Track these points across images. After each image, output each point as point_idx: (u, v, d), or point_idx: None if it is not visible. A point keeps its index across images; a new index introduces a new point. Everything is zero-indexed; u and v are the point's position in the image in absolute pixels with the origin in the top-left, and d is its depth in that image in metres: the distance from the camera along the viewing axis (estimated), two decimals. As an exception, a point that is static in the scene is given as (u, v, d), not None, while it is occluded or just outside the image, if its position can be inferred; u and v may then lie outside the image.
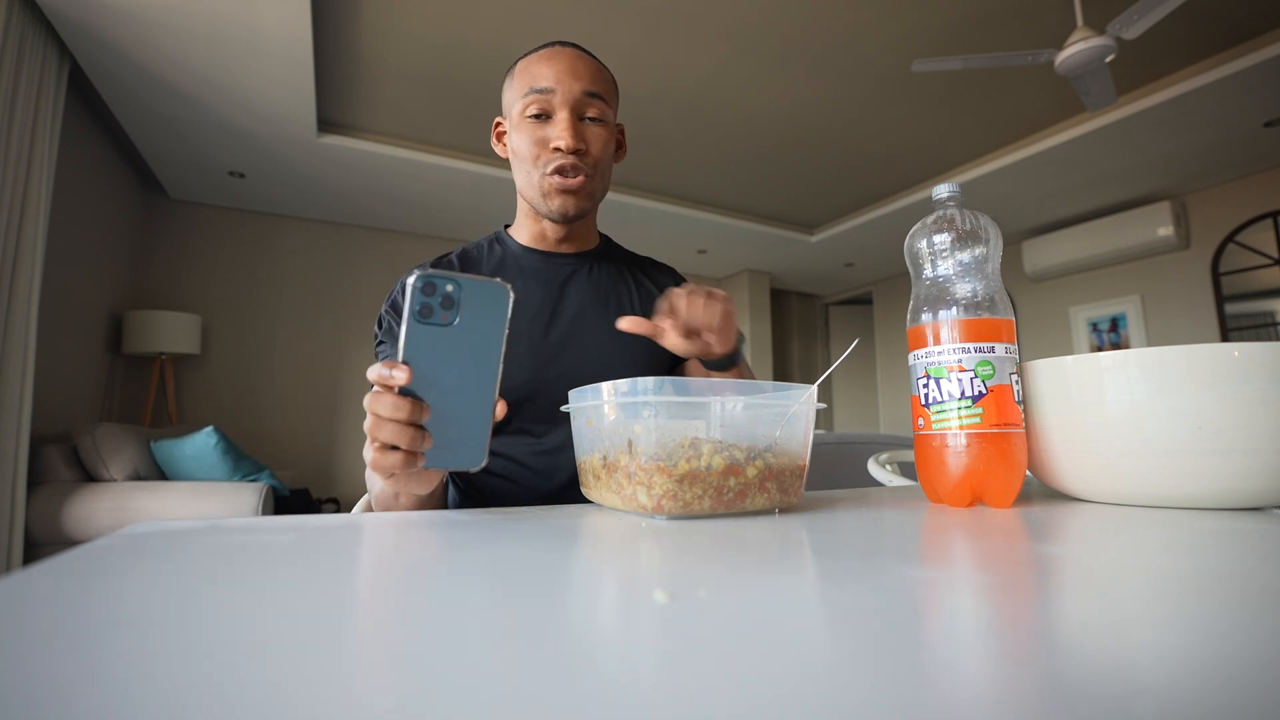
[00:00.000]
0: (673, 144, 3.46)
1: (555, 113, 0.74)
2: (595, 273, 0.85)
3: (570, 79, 0.74)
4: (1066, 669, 0.17)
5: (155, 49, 2.35)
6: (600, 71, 0.78)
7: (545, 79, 0.74)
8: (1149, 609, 0.23)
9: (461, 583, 0.27)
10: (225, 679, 0.15)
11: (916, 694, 0.15)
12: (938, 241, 0.53)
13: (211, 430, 2.40)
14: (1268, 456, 0.45)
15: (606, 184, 0.81)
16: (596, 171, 0.77)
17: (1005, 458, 0.49)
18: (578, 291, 0.83)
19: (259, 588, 0.25)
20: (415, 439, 0.44)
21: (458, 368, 0.44)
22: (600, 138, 0.76)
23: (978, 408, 0.49)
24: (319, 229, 4.21)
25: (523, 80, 0.76)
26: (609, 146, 0.78)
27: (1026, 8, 2.42)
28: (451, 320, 0.43)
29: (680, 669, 0.17)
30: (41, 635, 0.18)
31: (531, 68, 0.75)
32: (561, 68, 0.74)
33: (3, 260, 2.01)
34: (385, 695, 0.15)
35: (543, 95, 0.74)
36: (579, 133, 0.74)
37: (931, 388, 0.51)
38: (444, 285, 0.42)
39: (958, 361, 0.50)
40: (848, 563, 0.31)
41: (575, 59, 0.76)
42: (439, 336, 0.43)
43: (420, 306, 0.42)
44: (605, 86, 0.77)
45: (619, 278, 0.87)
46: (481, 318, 0.44)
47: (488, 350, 0.45)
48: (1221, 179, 3.80)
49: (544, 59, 0.75)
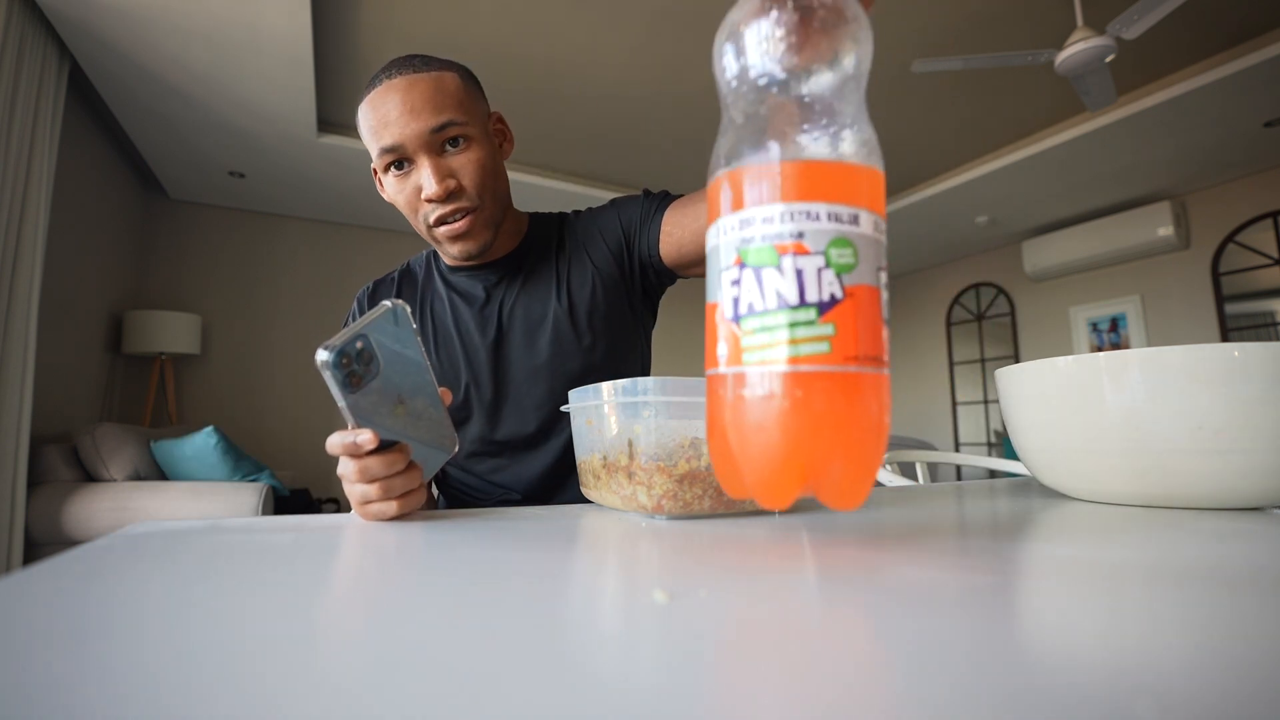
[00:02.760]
0: (674, 144, 3.46)
1: (414, 159, 0.68)
2: (519, 275, 0.80)
3: (410, 120, 0.66)
4: (1066, 669, 0.17)
5: (155, 49, 2.35)
6: (439, 89, 0.68)
7: (388, 133, 0.67)
8: (1149, 609, 0.23)
9: (461, 583, 0.27)
10: (225, 679, 0.15)
11: (916, 694, 0.15)
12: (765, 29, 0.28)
13: (211, 430, 2.40)
14: (1268, 456, 0.45)
15: (502, 196, 0.75)
16: (482, 198, 0.71)
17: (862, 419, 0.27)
18: (503, 301, 0.79)
19: (259, 588, 0.25)
20: (418, 477, 0.45)
21: (402, 394, 0.46)
22: (471, 163, 0.70)
23: (825, 324, 0.26)
24: (319, 229, 4.21)
25: (369, 135, 0.69)
26: (484, 164, 0.71)
27: (1026, 8, 2.42)
28: (377, 370, 0.43)
29: (680, 669, 0.17)
30: (41, 635, 0.18)
31: (371, 119, 0.68)
32: (398, 112, 0.66)
33: (3, 260, 2.00)
34: (385, 695, 0.15)
35: (393, 151, 0.68)
36: (445, 173, 0.68)
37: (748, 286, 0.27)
38: (353, 345, 0.42)
39: (796, 235, 0.27)
40: (847, 563, 0.31)
41: (407, 92, 0.66)
42: (374, 389, 0.44)
43: (346, 378, 0.42)
44: (452, 103, 0.68)
45: (544, 267, 0.81)
46: (395, 345, 0.45)
47: (415, 363, 0.46)
48: (1221, 179, 3.80)
49: (378, 105, 0.67)
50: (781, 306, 0.27)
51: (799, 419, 0.26)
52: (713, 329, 0.29)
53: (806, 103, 0.28)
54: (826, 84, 0.28)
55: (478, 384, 0.78)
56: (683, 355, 5.52)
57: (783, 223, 0.27)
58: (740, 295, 0.28)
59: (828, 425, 0.27)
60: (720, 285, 0.29)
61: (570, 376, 0.77)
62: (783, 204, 0.27)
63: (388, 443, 0.44)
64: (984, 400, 5.09)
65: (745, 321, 0.27)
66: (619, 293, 0.80)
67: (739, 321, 0.28)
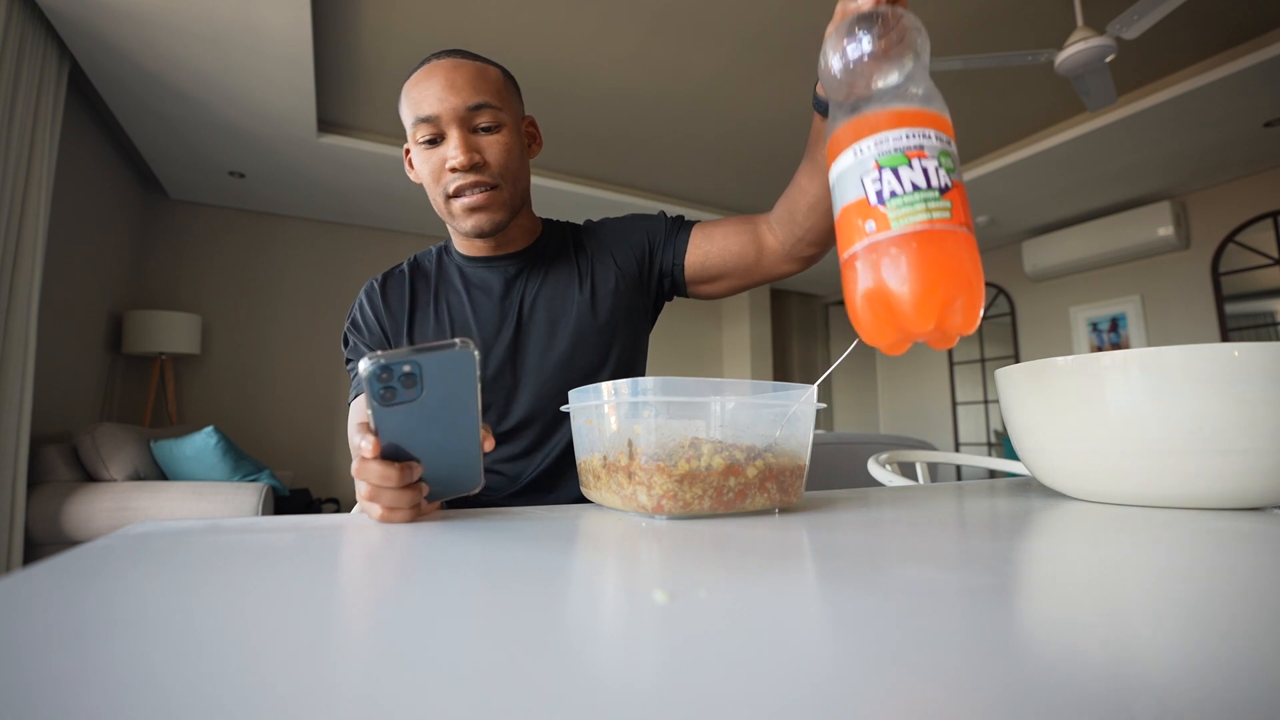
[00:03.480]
0: (674, 144, 3.46)
1: (445, 133, 0.72)
2: (539, 268, 0.83)
3: (450, 95, 0.71)
4: (1067, 669, 0.17)
5: (155, 49, 2.35)
6: (482, 75, 0.73)
7: (426, 104, 0.71)
8: (1149, 609, 0.23)
9: (461, 583, 0.27)
10: (225, 679, 0.15)
11: (916, 694, 0.15)
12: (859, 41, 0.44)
13: (211, 430, 2.40)
14: (1268, 456, 0.45)
15: (523, 185, 0.78)
16: (503, 179, 0.74)
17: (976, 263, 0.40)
18: (524, 293, 0.82)
19: (259, 588, 0.25)
20: (414, 496, 0.44)
21: (437, 426, 0.43)
22: (498, 144, 0.73)
23: (945, 200, 0.39)
24: (319, 229, 4.21)
25: (408, 108, 0.73)
26: (511, 150, 0.75)
27: (1026, 8, 2.42)
28: (417, 394, 0.41)
29: (680, 669, 0.17)
30: (41, 635, 0.18)
31: (413, 93, 0.73)
32: (439, 86, 0.71)
33: (3, 260, 2.00)
34: (385, 695, 0.15)
35: (429, 122, 0.71)
36: (471, 146, 0.72)
37: (888, 180, 0.40)
38: (400, 367, 0.40)
39: (919, 146, 0.40)
40: (847, 563, 0.31)
41: (452, 72, 0.72)
42: (407, 411, 0.42)
43: (381, 392, 0.40)
44: (492, 90, 0.73)
45: (564, 264, 0.84)
46: (448, 383, 0.42)
47: (462, 403, 0.43)
48: (1221, 179, 3.80)
49: (421, 81, 0.72)
50: (916, 189, 0.39)
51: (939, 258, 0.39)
52: (850, 220, 0.42)
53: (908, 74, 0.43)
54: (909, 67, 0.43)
55: (493, 374, 0.80)
56: (681, 357, 5.53)
57: (909, 139, 0.40)
58: (882, 187, 0.40)
59: (955, 263, 0.39)
60: (861, 185, 0.41)
61: (587, 370, 0.81)
62: (908, 127, 0.41)
63: (398, 455, 0.43)
64: (984, 400, 5.09)
65: (890, 201, 0.40)
66: (637, 295, 0.85)
67: (884, 203, 0.40)
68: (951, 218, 0.39)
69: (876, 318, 0.40)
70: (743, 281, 0.84)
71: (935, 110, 0.42)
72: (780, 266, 0.82)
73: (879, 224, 0.40)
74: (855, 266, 0.41)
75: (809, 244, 0.77)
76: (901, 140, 0.40)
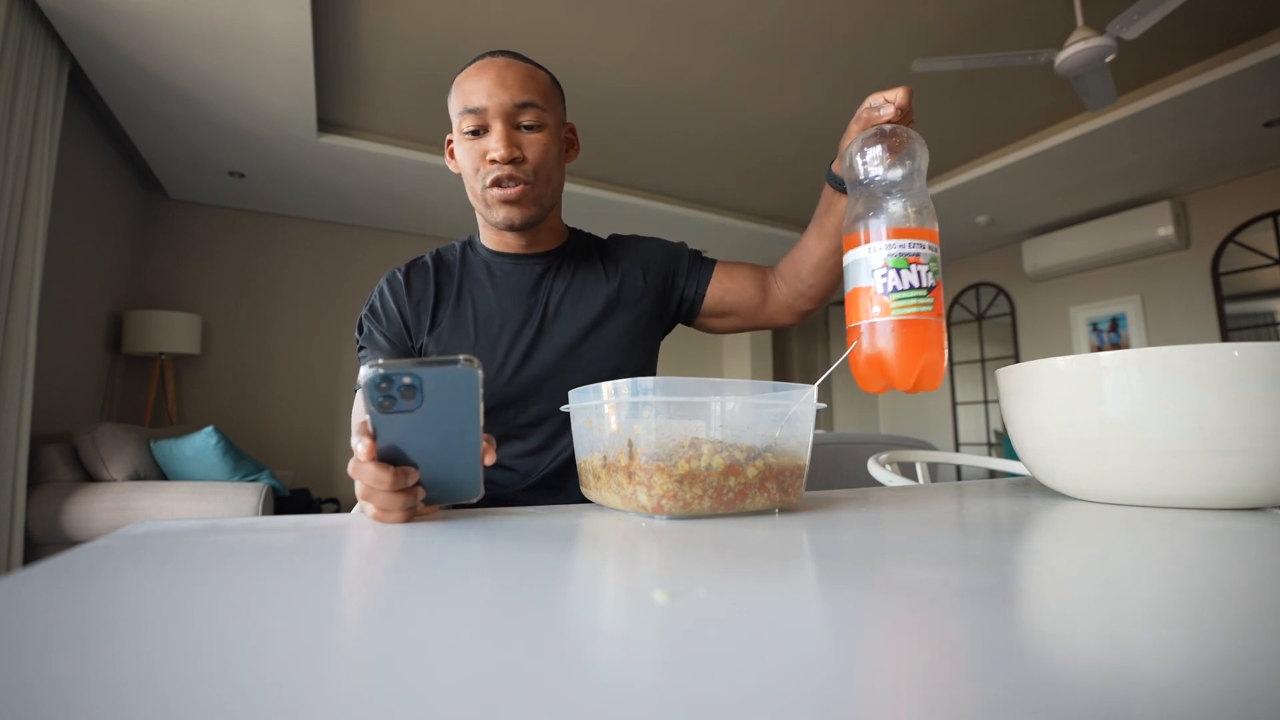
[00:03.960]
0: (674, 144, 3.46)
1: (489, 126, 0.75)
2: (566, 269, 0.86)
3: (499, 91, 0.74)
4: (1067, 669, 0.17)
5: (155, 49, 2.35)
6: (532, 77, 0.77)
7: (476, 96, 0.74)
8: (1149, 609, 0.23)
9: (461, 583, 0.27)
10: (224, 679, 0.15)
11: (916, 694, 0.15)
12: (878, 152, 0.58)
13: (211, 430, 2.40)
14: (1268, 456, 0.45)
15: (556, 186, 0.81)
16: (538, 177, 0.77)
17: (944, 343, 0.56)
18: (550, 292, 0.84)
19: (259, 588, 0.25)
20: (407, 500, 0.43)
21: (435, 437, 0.43)
22: (538, 143, 0.76)
23: (930, 298, 0.54)
24: (319, 229, 4.21)
25: (457, 99, 0.76)
26: (549, 150, 0.77)
27: (1026, 8, 2.42)
28: (416, 405, 0.41)
29: (680, 669, 0.17)
30: (41, 635, 0.18)
31: (464, 85, 0.75)
32: (490, 81, 0.74)
33: (3, 260, 2.00)
34: (385, 695, 0.15)
35: (475, 114, 0.74)
36: (513, 142, 0.74)
37: (892, 277, 0.54)
38: (400, 379, 0.40)
39: (916, 254, 0.53)
40: (847, 563, 0.31)
41: (504, 69, 0.75)
42: (406, 421, 0.41)
43: (380, 400, 0.40)
44: (539, 91, 0.77)
45: (590, 269, 0.87)
46: (449, 399, 0.42)
47: (462, 418, 0.43)
48: (1221, 179, 3.80)
49: (474, 75, 0.75)
50: (911, 289, 0.53)
51: (921, 337, 0.53)
52: (860, 299, 0.56)
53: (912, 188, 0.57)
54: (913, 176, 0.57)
55: (514, 369, 0.80)
56: (681, 357, 5.53)
57: (910, 248, 0.54)
58: (888, 281, 0.54)
59: (932, 344, 0.54)
60: (871, 277, 0.55)
61: (607, 374, 0.82)
62: (910, 239, 0.54)
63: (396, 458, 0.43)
64: (984, 400, 5.09)
65: (892, 295, 0.54)
66: (657, 312, 0.90)
67: (888, 295, 0.54)
68: (933, 310, 0.54)
69: (872, 373, 0.56)
70: (746, 323, 0.92)
71: (930, 225, 0.56)
72: (780, 316, 0.90)
73: (883, 309, 0.54)
74: (860, 334, 0.56)
75: (809, 299, 0.86)
76: (905, 248, 0.54)
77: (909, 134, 0.58)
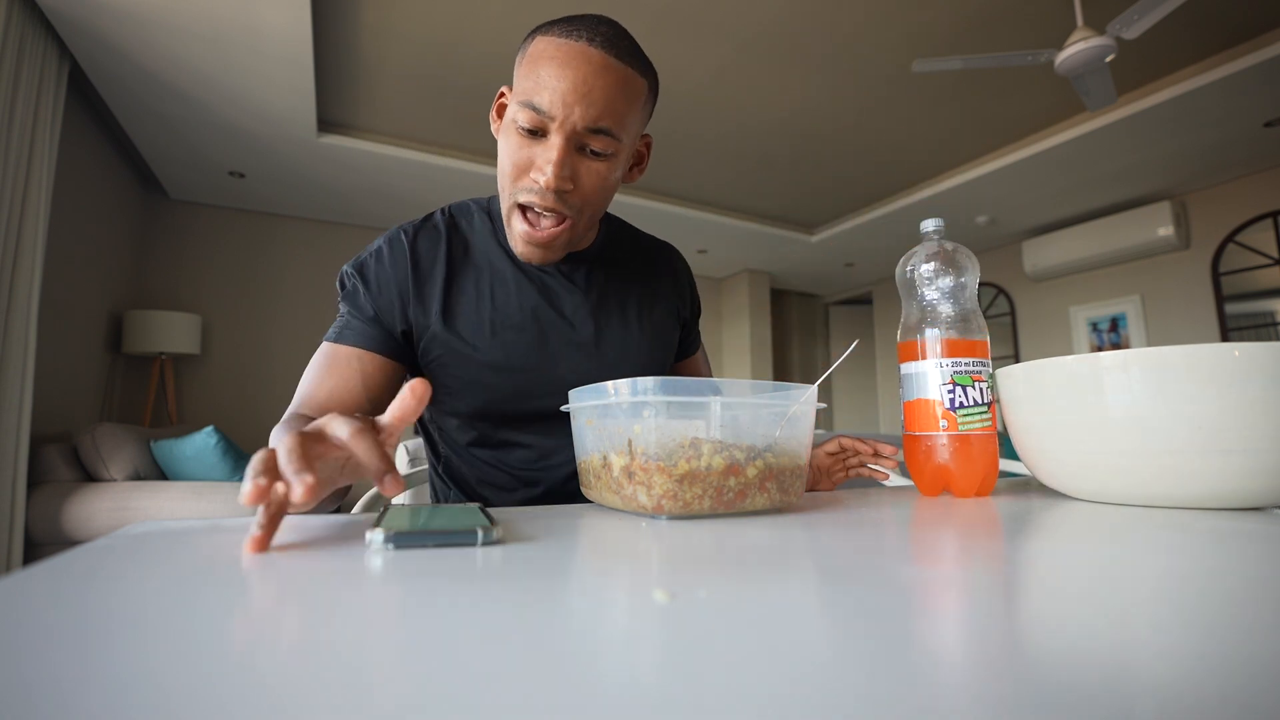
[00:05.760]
0: (674, 144, 3.46)
1: (549, 137, 0.62)
2: (592, 278, 0.78)
3: (577, 103, 0.60)
4: (1067, 668, 0.17)
5: (155, 49, 2.35)
6: (623, 90, 0.63)
7: (547, 95, 0.60)
8: (1149, 609, 0.23)
9: (461, 582, 0.27)
10: (224, 679, 0.15)
11: (915, 693, 0.15)
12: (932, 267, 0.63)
13: (211, 430, 2.40)
14: (1268, 456, 0.45)
15: (597, 214, 0.70)
16: (582, 213, 0.67)
17: (995, 455, 0.62)
18: (570, 303, 0.76)
19: (259, 588, 0.25)
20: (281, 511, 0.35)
21: None
22: (596, 174, 0.65)
23: (989, 413, 0.60)
24: (318, 229, 4.21)
25: (526, 78, 0.62)
26: (607, 181, 0.66)
27: (1026, 8, 2.42)
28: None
29: (680, 669, 0.17)
30: (41, 635, 0.18)
31: (541, 68, 0.61)
32: (569, 86, 0.60)
33: (3, 260, 2.00)
34: (384, 694, 0.15)
35: (538, 114, 0.61)
36: (568, 168, 0.63)
37: (958, 394, 0.59)
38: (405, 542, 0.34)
39: (979, 372, 0.60)
40: (847, 563, 0.31)
41: (594, 75, 0.60)
42: None
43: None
44: (624, 110, 0.63)
45: (619, 279, 0.81)
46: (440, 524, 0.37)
47: None
48: (1221, 179, 3.80)
49: (557, 61, 0.60)
50: (975, 405, 0.60)
51: (983, 453, 0.60)
52: (927, 410, 0.61)
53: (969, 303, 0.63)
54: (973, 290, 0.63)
55: (536, 371, 0.74)
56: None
57: (973, 366, 0.60)
58: (954, 398, 0.60)
59: (991, 451, 0.60)
60: (937, 391, 0.60)
61: None
62: (973, 357, 0.61)
63: None
64: (984, 400, 5.08)
65: (958, 410, 0.60)
66: (675, 339, 0.90)
67: (955, 410, 0.60)
68: (990, 425, 0.60)
69: (936, 481, 0.61)
70: None
71: (985, 339, 0.62)
72: None
73: (950, 424, 0.60)
74: (925, 445, 0.61)
75: None
76: (970, 366, 0.60)
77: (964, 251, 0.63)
